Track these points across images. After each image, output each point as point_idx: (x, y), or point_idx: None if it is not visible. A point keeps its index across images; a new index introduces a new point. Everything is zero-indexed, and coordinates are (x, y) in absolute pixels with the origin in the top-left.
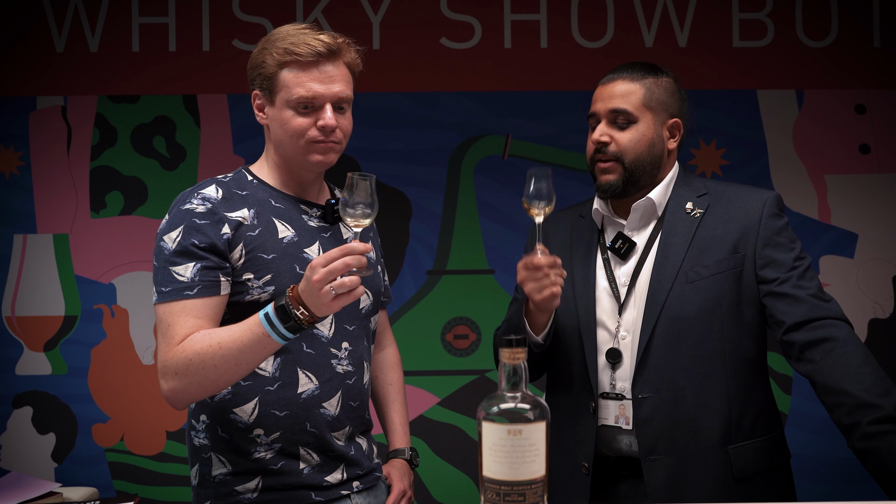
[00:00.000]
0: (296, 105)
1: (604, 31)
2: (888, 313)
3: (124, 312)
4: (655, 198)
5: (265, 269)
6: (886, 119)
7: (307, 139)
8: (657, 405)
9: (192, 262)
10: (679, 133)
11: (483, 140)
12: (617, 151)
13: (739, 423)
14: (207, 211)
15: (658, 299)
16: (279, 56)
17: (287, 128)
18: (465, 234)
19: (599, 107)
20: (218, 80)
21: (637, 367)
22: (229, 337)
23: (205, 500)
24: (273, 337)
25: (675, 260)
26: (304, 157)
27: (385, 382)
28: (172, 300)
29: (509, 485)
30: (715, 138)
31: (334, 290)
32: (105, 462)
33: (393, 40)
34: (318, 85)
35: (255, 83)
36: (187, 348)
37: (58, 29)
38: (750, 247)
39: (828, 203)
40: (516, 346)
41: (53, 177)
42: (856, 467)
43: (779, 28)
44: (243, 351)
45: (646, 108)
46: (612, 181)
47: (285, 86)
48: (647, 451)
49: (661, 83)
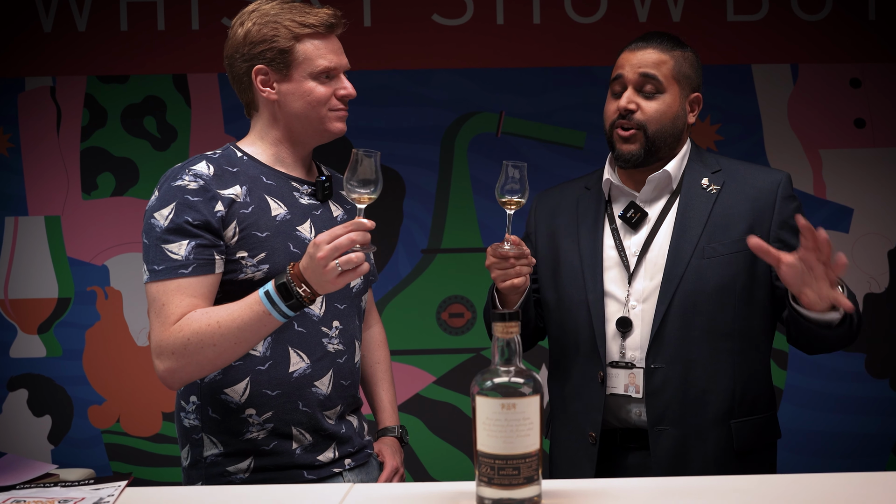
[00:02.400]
0: (318, 75)
1: (597, 7)
2: (883, 288)
3: (118, 294)
4: (671, 170)
5: (259, 247)
6: (881, 93)
7: (329, 107)
8: (669, 376)
9: (185, 240)
10: (698, 108)
11: (476, 117)
12: (642, 120)
13: (742, 399)
14: (200, 188)
15: (676, 272)
16: (295, 29)
17: (311, 98)
18: (459, 213)
19: (628, 71)
20: (208, 59)
21: (653, 338)
22: (228, 316)
23: (196, 480)
24: (274, 315)
25: (693, 235)
26: (325, 126)
27: (372, 361)
28: (166, 279)
29: (504, 458)
30: (709, 114)
31: (340, 267)
32: (101, 444)
33: (384, 17)
34: (335, 56)
35: (259, 59)
36: (185, 328)
37: (45, 9)
38: (765, 228)
39: (823, 178)
40: (509, 321)
41: (44, 158)
42: (849, 441)
43: (773, 2)
44: (243, 329)
45: (674, 80)
46: (633, 151)
47: (307, 58)
48: (654, 421)
49: (687, 56)
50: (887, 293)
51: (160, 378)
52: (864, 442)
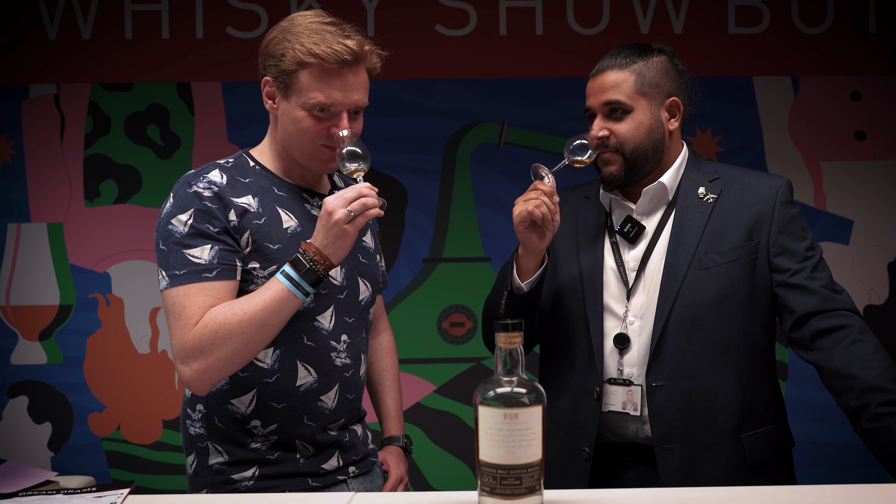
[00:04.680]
0: (311, 108)
1: (599, 18)
2: (883, 300)
3: (119, 301)
4: (667, 182)
5: (270, 259)
6: (882, 106)
7: (316, 143)
8: (672, 393)
9: (208, 244)
10: (679, 112)
11: (478, 127)
12: (616, 143)
13: (752, 411)
14: (214, 195)
15: (672, 286)
16: (301, 55)
17: (298, 127)
18: (460, 222)
19: (593, 101)
20: (212, 68)
21: (652, 355)
22: (251, 303)
23: (201, 488)
24: (295, 292)
25: (690, 246)
26: (309, 159)
27: (380, 369)
28: (189, 282)
29: (506, 468)
30: (711, 125)
31: (353, 212)
32: (101, 451)
33: (388, 27)
34: (338, 93)
35: (269, 71)
36: (209, 322)
37: (50, 16)
38: (764, 234)
39: (823, 190)
40: (512, 331)
41: (47, 165)
42: (850, 452)
43: (774, 15)
44: (268, 311)
45: (639, 95)
46: (613, 172)
47: (303, 88)
48: (661, 440)
49: (651, 64)
50: (887, 305)
51: (188, 384)
52: (864, 452)
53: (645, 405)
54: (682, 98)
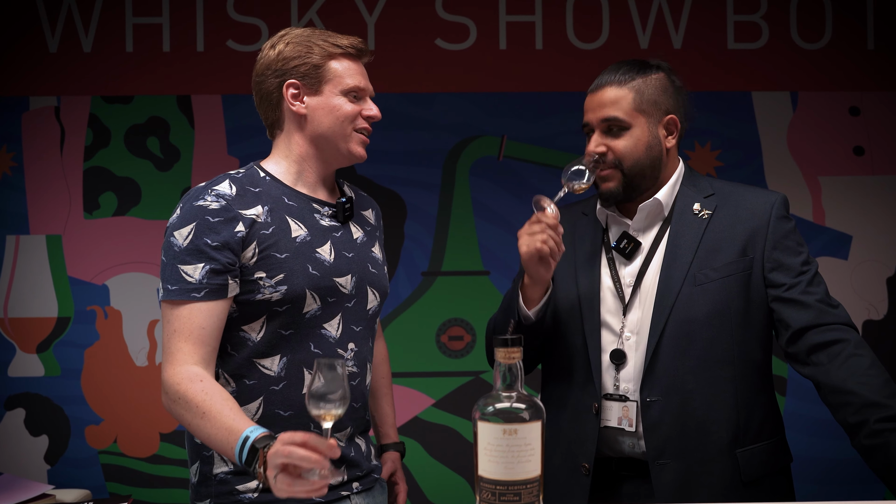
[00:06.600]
0: (347, 93)
1: (599, 33)
2: (882, 315)
3: (118, 314)
4: (662, 198)
5: (278, 268)
6: (880, 121)
7: (355, 126)
8: (666, 409)
9: (201, 263)
10: (676, 129)
11: (478, 141)
12: (614, 159)
13: (747, 426)
14: (221, 208)
15: (667, 302)
16: (328, 48)
17: (339, 113)
18: (460, 236)
19: (591, 117)
20: (212, 81)
21: (646, 371)
22: (215, 412)
23: (205, 498)
24: (234, 454)
25: (684, 262)
26: (348, 146)
27: (378, 376)
28: (178, 299)
29: (505, 484)
30: (709, 140)
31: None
32: (98, 464)
33: (388, 41)
34: (363, 80)
35: (292, 74)
36: (182, 384)
37: (51, 29)
38: (759, 249)
39: (822, 205)
40: (511, 346)
41: (46, 177)
42: (849, 468)
43: (773, 30)
44: (211, 437)
45: (638, 112)
46: (611, 188)
47: (337, 75)
48: (655, 455)
49: (650, 82)
50: (886, 320)
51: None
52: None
53: (640, 420)
54: (679, 115)
